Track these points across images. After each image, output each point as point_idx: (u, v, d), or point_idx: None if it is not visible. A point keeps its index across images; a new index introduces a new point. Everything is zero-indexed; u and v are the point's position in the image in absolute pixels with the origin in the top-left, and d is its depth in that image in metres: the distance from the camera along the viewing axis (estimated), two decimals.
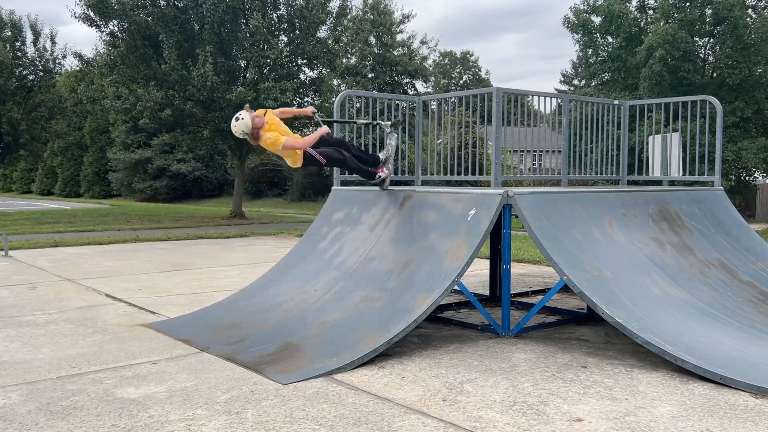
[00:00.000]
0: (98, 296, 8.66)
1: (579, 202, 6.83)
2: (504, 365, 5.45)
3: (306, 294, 6.79)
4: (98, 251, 13.91)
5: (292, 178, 40.42)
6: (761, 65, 22.72)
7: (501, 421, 4.19)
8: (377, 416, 4.28)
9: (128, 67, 22.51)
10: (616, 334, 6.46)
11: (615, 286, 5.98)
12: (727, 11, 21.93)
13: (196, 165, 45.31)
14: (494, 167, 7.39)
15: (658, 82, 22.47)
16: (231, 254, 13.34)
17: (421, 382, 4.99)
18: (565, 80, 68.54)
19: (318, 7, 22.89)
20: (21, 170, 61.70)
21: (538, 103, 8.26)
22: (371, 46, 36.84)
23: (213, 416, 4.28)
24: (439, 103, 10.63)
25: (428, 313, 5.73)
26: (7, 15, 30.29)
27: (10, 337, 6.43)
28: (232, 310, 7.04)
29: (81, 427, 4.11)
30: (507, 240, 6.55)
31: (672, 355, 5.14)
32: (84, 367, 5.39)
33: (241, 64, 23.75)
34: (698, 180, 9.47)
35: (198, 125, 24.17)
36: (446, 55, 76.97)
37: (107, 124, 49.05)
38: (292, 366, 5.30)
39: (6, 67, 29.28)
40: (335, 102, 8.09)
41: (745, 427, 4.11)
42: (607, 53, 25.67)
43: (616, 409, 4.40)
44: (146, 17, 21.85)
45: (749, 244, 7.86)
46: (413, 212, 7.00)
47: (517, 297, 8.44)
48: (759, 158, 22.33)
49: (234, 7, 21.97)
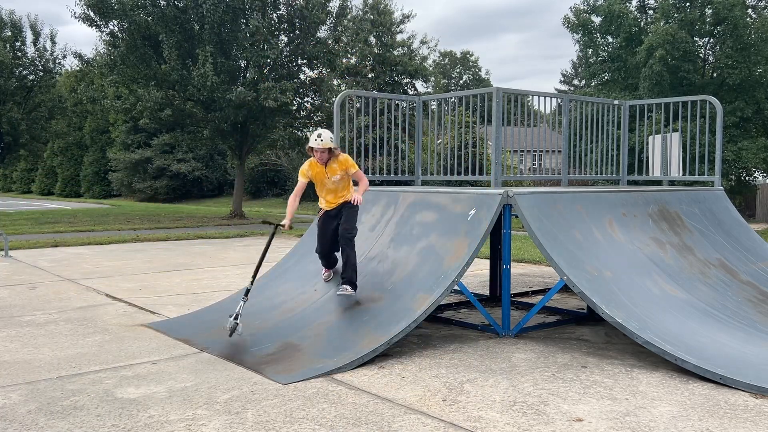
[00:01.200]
0: (98, 296, 8.66)
1: (579, 202, 6.83)
2: (504, 365, 5.45)
3: (306, 294, 6.79)
4: (98, 251, 13.90)
5: (291, 178, 40.41)
6: (761, 65, 22.71)
7: (501, 421, 4.19)
8: (377, 416, 4.28)
9: (128, 67, 22.51)
10: (616, 334, 6.47)
11: (615, 286, 5.98)
12: (727, 11, 21.93)
13: (196, 165, 45.30)
14: (494, 167, 7.39)
15: (658, 82, 22.47)
16: (231, 254, 13.34)
17: (421, 382, 4.99)
18: (565, 80, 68.51)
19: (318, 7, 22.89)
20: (21, 170, 61.69)
21: (538, 103, 8.26)
22: (371, 46, 36.82)
23: (213, 416, 4.28)
24: (439, 103, 10.63)
25: (428, 313, 5.73)
26: (7, 15, 30.33)
27: (10, 337, 6.43)
28: (232, 310, 7.03)
29: (81, 427, 4.11)
30: (507, 240, 6.55)
31: (672, 355, 5.14)
32: (84, 367, 5.39)
33: (241, 64, 23.74)
34: (698, 180, 9.47)
35: (198, 125, 24.17)
36: (446, 55, 77.00)
37: (107, 124, 49.02)
38: (292, 366, 5.30)
39: (6, 67, 29.29)
40: (335, 102, 8.09)
41: (745, 427, 4.11)
42: (607, 53, 25.67)
43: (616, 409, 4.40)
44: (146, 17, 21.84)
45: (749, 244, 7.86)
46: (413, 212, 7.00)
47: (517, 297, 8.44)
48: (759, 158, 22.33)
49: (234, 7, 21.97)
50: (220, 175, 46.57)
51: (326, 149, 6.34)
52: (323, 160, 6.38)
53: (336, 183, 6.54)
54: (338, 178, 6.49)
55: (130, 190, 47.40)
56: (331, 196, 6.61)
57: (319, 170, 6.50)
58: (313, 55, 23.51)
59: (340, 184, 6.56)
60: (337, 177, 6.48)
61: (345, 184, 6.60)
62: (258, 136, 24.83)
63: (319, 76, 24.77)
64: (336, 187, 6.58)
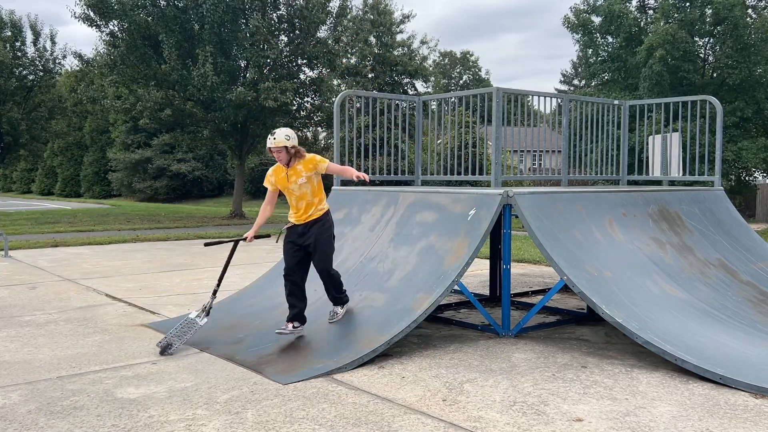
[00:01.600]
0: (98, 296, 8.66)
1: (579, 202, 6.83)
2: (504, 365, 5.45)
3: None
4: (98, 251, 13.90)
5: None
6: (761, 65, 22.71)
7: (501, 421, 4.19)
8: (377, 416, 4.28)
9: (128, 67, 22.52)
10: (616, 334, 6.46)
11: (615, 286, 5.98)
12: (727, 11, 21.93)
13: (196, 165, 45.30)
14: (494, 167, 7.39)
15: (658, 82, 22.47)
16: None
17: (421, 382, 4.99)
18: (565, 80, 68.52)
19: (318, 7, 22.88)
20: (21, 170, 61.66)
21: (538, 103, 8.26)
22: (371, 46, 36.80)
23: (213, 416, 4.28)
24: (439, 103, 10.63)
25: (428, 313, 5.73)
26: (7, 15, 30.32)
27: (10, 337, 6.43)
28: (232, 310, 7.04)
29: (81, 427, 4.11)
30: (507, 240, 6.55)
31: (672, 355, 5.14)
32: (84, 367, 5.39)
33: (241, 64, 23.74)
34: (698, 180, 9.47)
35: (198, 125, 24.17)
36: (446, 55, 77.00)
37: (107, 124, 49.04)
38: (292, 366, 5.31)
39: (6, 67, 29.28)
40: (335, 102, 8.09)
41: (745, 427, 4.11)
42: (607, 53, 25.68)
43: (616, 409, 4.40)
44: (146, 17, 21.84)
45: (749, 244, 7.86)
46: (413, 212, 7.00)
47: (517, 297, 8.44)
48: (759, 158, 22.33)
49: (234, 7, 21.97)
50: (220, 175, 46.57)
51: (282, 148, 5.71)
52: (284, 161, 5.79)
53: (302, 188, 5.80)
54: (303, 182, 5.78)
55: (130, 190, 47.40)
56: (302, 204, 5.85)
57: (282, 175, 5.88)
58: (313, 55, 23.51)
59: (308, 189, 5.81)
60: (302, 180, 5.77)
61: (314, 190, 5.84)
62: (258, 136, 24.83)
63: (319, 76, 24.77)
64: (302, 194, 5.82)
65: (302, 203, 5.83)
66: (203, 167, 45.85)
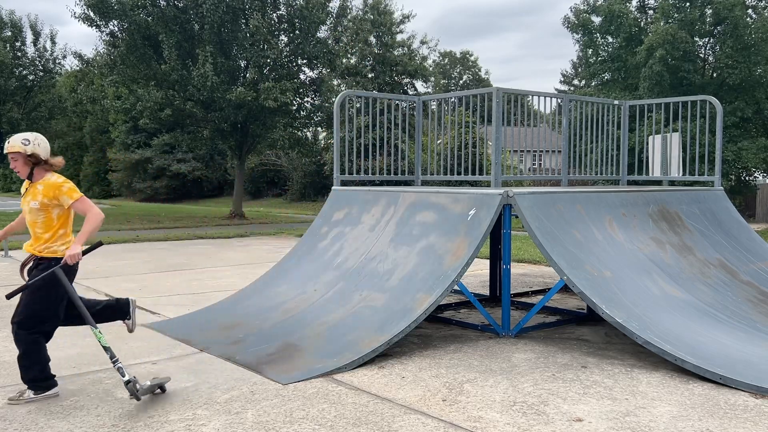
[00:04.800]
0: (98, 296, 8.65)
1: (579, 202, 6.83)
2: (504, 365, 5.44)
3: (306, 294, 6.79)
4: (98, 251, 13.89)
5: (291, 178, 40.44)
6: (761, 65, 22.72)
7: (501, 421, 4.19)
8: (377, 416, 4.28)
9: (128, 67, 22.53)
10: (616, 334, 6.46)
11: (615, 286, 5.98)
12: (727, 11, 21.94)
13: (196, 165, 45.32)
14: (494, 167, 7.39)
15: (658, 82, 22.48)
16: (231, 254, 13.33)
17: (421, 382, 4.99)
18: (565, 80, 68.46)
19: (318, 7, 22.90)
20: None
21: (538, 103, 8.26)
22: (371, 46, 36.80)
23: (213, 416, 4.28)
24: (439, 103, 10.63)
25: (428, 313, 5.73)
26: (7, 15, 30.36)
27: (10, 338, 6.41)
28: (231, 310, 7.04)
29: (81, 427, 4.11)
30: (507, 240, 6.55)
31: (672, 355, 5.14)
32: (84, 367, 5.39)
33: (241, 64, 23.76)
34: (698, 180, 9.47)
35: (198, 125, 24.20)
36: (446, 55, 76.95)
37: (107, 124, 49.05)
38: (292, 366, 5.30)
39: (6, 67, 29.30)
40: (335, 102, 8.09)
41: (745, 427, 4.11)
42: (607, 53, 25.69)
43: (616, 409, 4.40)
44: (146, 17, 21.86)
45: (749, 244, 7.86)
46: (413, 212, 7.00)
47: (517, 297, 8.44)
48: (759, 158, 22.34)
49: (234, 7, 21.98)
50: (220, 175, 46.58)
51: (17, 155, 4.50)
52: (22, 173, 4.59)
53: (33, 214, 4.56)
54: (36, 207, 4.54)
55: (130, 190, 47.42)
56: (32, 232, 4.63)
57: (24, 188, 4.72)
58: (313, 55, 23.53)
59: (39, 219, 4.54)
60: (35, 204, 4.54)
61: (47, 223, 4.56)
62: (258, 136, 24.85)
63: (319, 76, 24.78)
64: (33, 221, 4.59)
65: (32, 231, 4.66)
66: (203, 167, 45.87)
